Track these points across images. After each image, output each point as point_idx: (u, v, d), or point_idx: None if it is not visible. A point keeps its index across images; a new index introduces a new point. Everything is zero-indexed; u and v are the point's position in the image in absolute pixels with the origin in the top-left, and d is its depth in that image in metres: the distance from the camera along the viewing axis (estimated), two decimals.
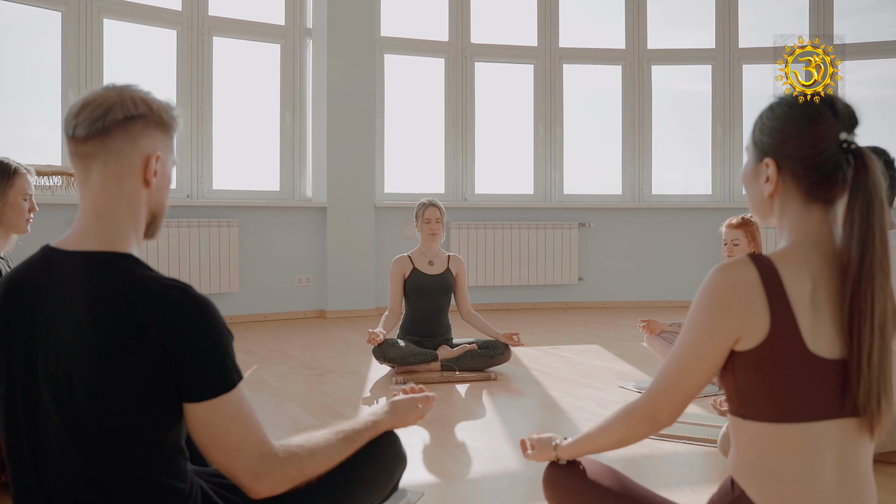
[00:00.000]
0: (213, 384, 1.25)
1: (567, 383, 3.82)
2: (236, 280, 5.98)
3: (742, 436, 1.30)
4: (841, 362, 1.24)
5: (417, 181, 7.00)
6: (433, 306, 4.15)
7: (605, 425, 1.47)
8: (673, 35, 7.64)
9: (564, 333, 5.45)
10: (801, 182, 1.29)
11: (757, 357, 1.24)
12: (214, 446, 1.27)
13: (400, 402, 1.63)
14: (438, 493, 2.26)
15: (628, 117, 7.25)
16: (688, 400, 1.35)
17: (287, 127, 6.50)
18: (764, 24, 7.66)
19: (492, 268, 6.79)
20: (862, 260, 1.23)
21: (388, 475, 1.57)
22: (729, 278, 1.26)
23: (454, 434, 2.91)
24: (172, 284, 1.25)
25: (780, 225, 1.35)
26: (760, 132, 1.35)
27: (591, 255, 7.05)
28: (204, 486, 1.40)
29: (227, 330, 1.28)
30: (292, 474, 1.35)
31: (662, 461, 2.60)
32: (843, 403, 1.24)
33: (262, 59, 6.52)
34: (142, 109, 1.32)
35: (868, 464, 1.30)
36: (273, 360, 4.46)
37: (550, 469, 1.60)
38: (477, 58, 7.06)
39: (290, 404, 3.39)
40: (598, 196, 7.26)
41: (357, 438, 1.50)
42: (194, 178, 6.09)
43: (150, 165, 1.33)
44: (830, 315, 1.24)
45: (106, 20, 5.67)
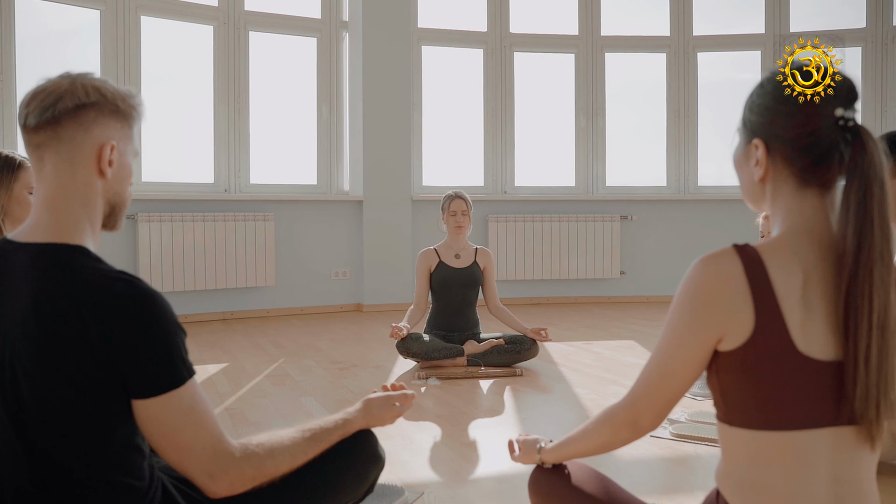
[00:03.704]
0: (159, 380, 1.20)
1: (594, 380, 3.69)
2: (273, 274, 6.00)
3: (728, 444, 1.19)
4: (836, 364, 1.11)
5: (456, 174, 6.93)
6: (460, 300, 4.07)
7: (587, 429, 1.38)
8: (720, 20, 7.37)
9: (601, 329, 5.31)
10: (793, 165, 1.17)
11: (741, 358, 1.13)
12: (165, 444, 1.24)
13: (375, 401, 1.56)
14: (438, 493, 2.19)
15: (673, 106, 7.03)
16: (671, 403, 1.24)
17: (324, 120, 6.50)
18: (819, 9, 7.33)
19: (531, 261, 6.67)
20: (859, 250, 1.10)
21: (362, 475, 1.50)
22: (710, 271, 1.15)
23: (467, 431, 2.83)
24: (119, 277, 1.21)
25: (772, 212, 1.23)
26: (749, 111, 1.23)
27: (634, 249, 6.87)
28: (167, 484, 1.36)
29: (176, 325, 1.23)
30: (250, 474, 1.30)
31: (678, 464, 2.47)
32: (839, 410, 1.11)
33: (299, 52, 6.53)
34: (94, 97, 1.28)
35: (870, 477, 1.16)
36: (301, 353, 4.45)
37: (536, 473, 1.52)
38: (516, 48, 6.94)
39: (308, 399, 3.36)
40: (642, 188, 7.07)
41: (325, 437, 1.44)
42: (231, 173, 6.13)
43: (104, 155, 1.28)
44: (824, 312, 1.12)
45: (143, 17, 5.75)
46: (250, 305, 5.99)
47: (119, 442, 1.23)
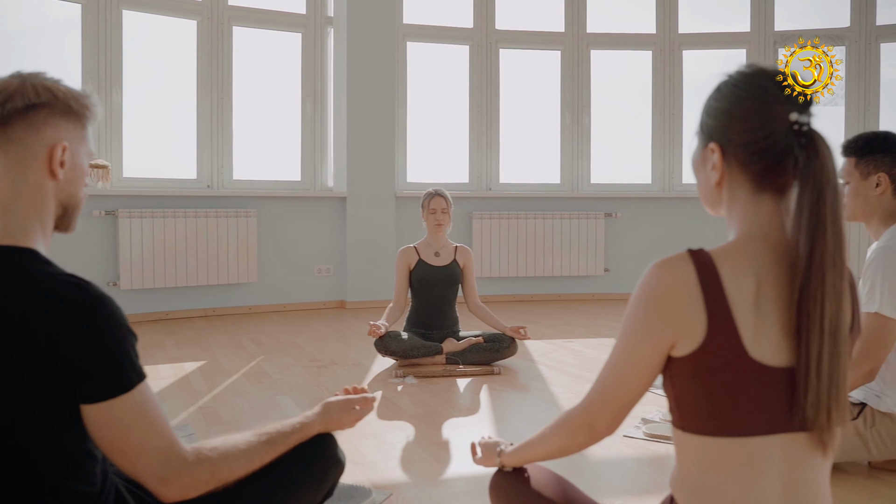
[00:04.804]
0: (107, 384, 1.19)
1: (572, 378, 3.69)
2: (255, 270, 5.98)
3: (682, 450, 1.18)
4: (788, 371, 1.11)
5: (441, 171, 6.91)
6: (439, 298, 4.06)
7: (546, 433, 1.37)
8: (706, 18, 7.37)
9: (583, 326, 5.31)
10: (748, 169, 1.16)
11: (694, 364, 1.12)
12: (115, 449, 1.22)
13: (334, 404, 1.55)
14: (407, 494, 2.18)
15: (658, 104, 7.04)
16: (627, 408, 1.24)
17: (308, 116, 6.47)
18: (804, 8, 7.35)
19: (515, 259, 6.67)
20: (811, 256, 1.10)
21: (320, 479, 1.49)
22: (664, 276, 1.14)
23: (441, 431, 2.82)
24: (67, 281, 1.20)
25: (728, 216, 1.22)
26: (706, 115, 1.22)
27: (618, 246, 6.88)
28: (121, 489, 1.34)
29: (126, 328, 1.22)
30: (203, 478, 1.29)
31: (651, 465, 2.47)
32: (791, 416, 1.11)
33: (283, 48, 6.49)
34: (45, 97, 1.26)
35: (822, 482, 1.16)
36: (281, 351, 4.43)
37: (496, 476, 1.52)
38: (502, 44, 6.92)
39: (283, 397, 3.34)
40: (626, 185, 7.08)
41: (282, 441, 1.43)
42: (214, 169, 6.09)
43: (56, 156, 1.27)
44: (777, 318, 1.11)
45: (126, 11, 5.70)
46: (232, 302, 5.96)
47: (68, 447, 1.22)
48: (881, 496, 2.16)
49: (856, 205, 2.36)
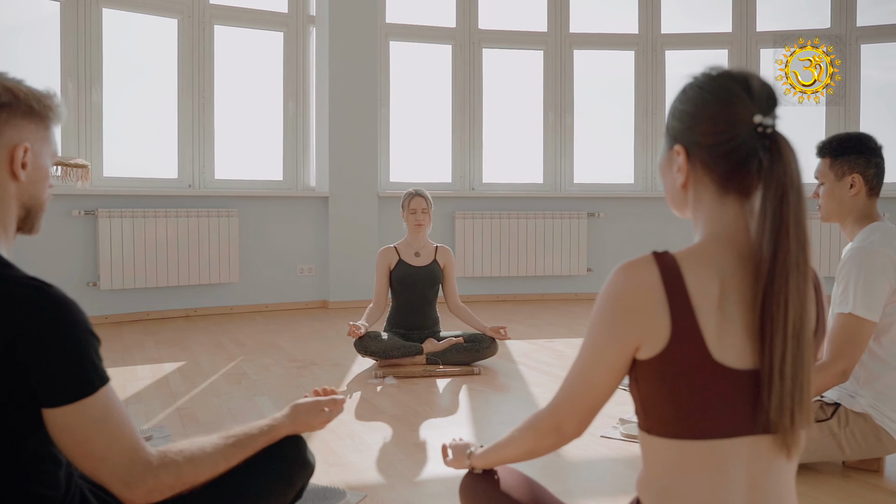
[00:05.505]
0: (69, 388, 1.18)
1: (551, 378, 3.70)
2: (237, 270, 5.94)
3: (648, 453, 1.19)
4: (752, 373, 1.11)
5: (424, 170, 6.90)
6: (419, 298, 4.05)
7: (514, 435, 1.37)
8: (688, 19, 7.40)
9: (564, 326, 5.32)
10: (712, 171, 1.17)
11: (658, 366, 1.12)
12: (78, 453, 1.21)
13: (302, 406, 1.54)
14: (382, 495, 2.17)
15: (641, 104, 7.06)
16: (594, 410, 1.24)
17: (290, 115, 6.44)
18: (785, 9, 7.39)
19: (498, 258, 6.67)
20: (774, 258, 1.10)
21: (287, 482, 1.48)
22: (628, 278, 1.14)
23: (418, 432, 2.81)
24: (28, 284, 1.18)
25: (694, 218, 1.22)
26: (672, 117, 1.23)
27: (601, 246, 6.89)
28: (87, 492, 1.33)
29: (88, 331, 1.21)
30: (168, 482, 1.28)
31: (628, 465, 2.48)
32: (755, 419, 1.11)
33: (265, 47, 6.45)
34: (5, 98, 1.25)
35: (788, 485, 1.16)
36: (261, 351, 4.40)
37: (466, 478, 1.52)
38: (485, 44, 6.92)
39: (262, 398, 3.33)
40: (609, 185, 7.09)
41: (249, 444, 1.42)
42: (196, 168, 6.05)
43: (17, 157, 1.25)
44: (741, 320, 1.11)
45: (105, 10, 5.65)
46: (214, 302, 5.92)
47: (30, 451, 1.21)
48: (855, 496, 2.17)
49: (830, 206, 2.37)
